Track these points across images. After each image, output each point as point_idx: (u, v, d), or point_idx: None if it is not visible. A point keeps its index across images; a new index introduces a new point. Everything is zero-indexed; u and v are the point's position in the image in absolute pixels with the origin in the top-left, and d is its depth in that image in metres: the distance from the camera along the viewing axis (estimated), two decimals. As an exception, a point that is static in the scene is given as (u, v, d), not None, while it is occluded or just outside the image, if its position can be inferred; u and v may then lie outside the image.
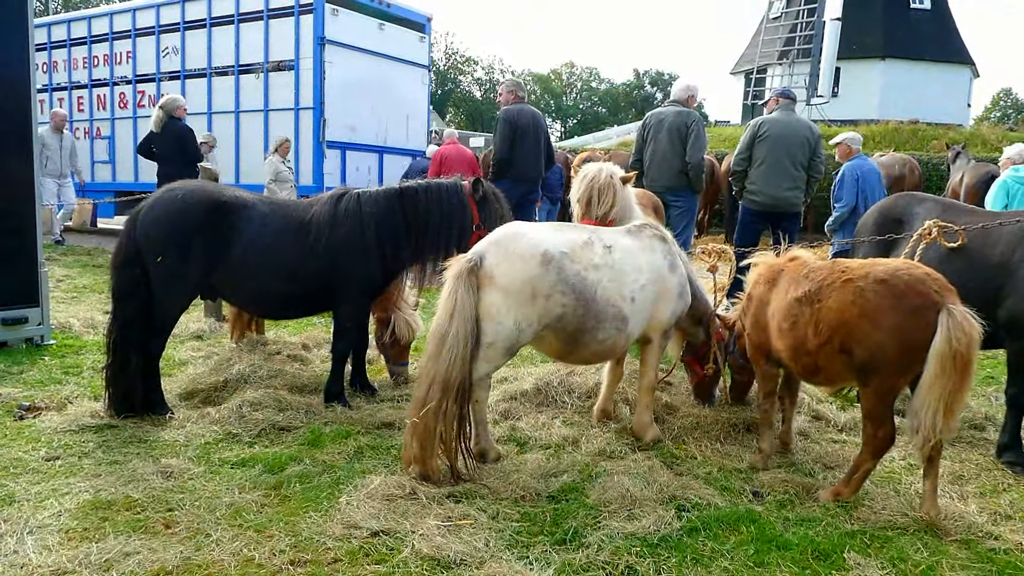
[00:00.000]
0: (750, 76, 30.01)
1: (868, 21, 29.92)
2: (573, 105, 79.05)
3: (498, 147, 8.53)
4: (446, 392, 3.90)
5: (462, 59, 71.80)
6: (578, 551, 3.29)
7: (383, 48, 15.35)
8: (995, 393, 5.79)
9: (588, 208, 4.91)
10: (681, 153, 7.65)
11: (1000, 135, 24.53)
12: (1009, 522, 3.74)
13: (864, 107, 28.04)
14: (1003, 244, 4.50)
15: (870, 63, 29.96)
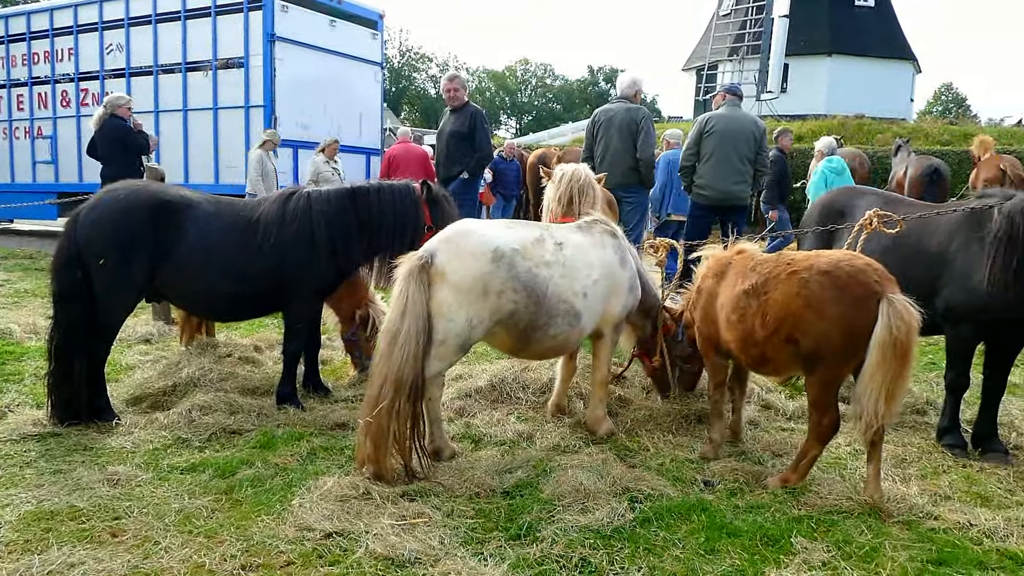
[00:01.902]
0: (701, 72, 30.41)
1: (815, 18, 30.50)
2: (528, 102, 79.18)
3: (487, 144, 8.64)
4: (399, 391, 3.89)
5: (416, 56, 71.44)
6: (532, 545, 3.31)
7: (335, 45, 15.19)
8: (936, 379, 5.96)
9: (570, 207, 4.91)
10: (632, 150, 7.72)
11: (941, 129, 25.23)
12: (948, 503, 3.86)
13: (812, 102, 28.57)
14: (940, 235, 4.63)
15: (817, 59, 30.55)
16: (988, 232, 4.23)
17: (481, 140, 8.41)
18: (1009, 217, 4.11)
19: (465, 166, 8.36)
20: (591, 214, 4.76)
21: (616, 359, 5.70)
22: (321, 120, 14.84)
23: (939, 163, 14.84)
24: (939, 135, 23.48)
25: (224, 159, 14.45)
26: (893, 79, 31.99)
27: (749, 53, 28.19)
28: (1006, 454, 4.51)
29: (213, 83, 14.32)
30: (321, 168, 12.35)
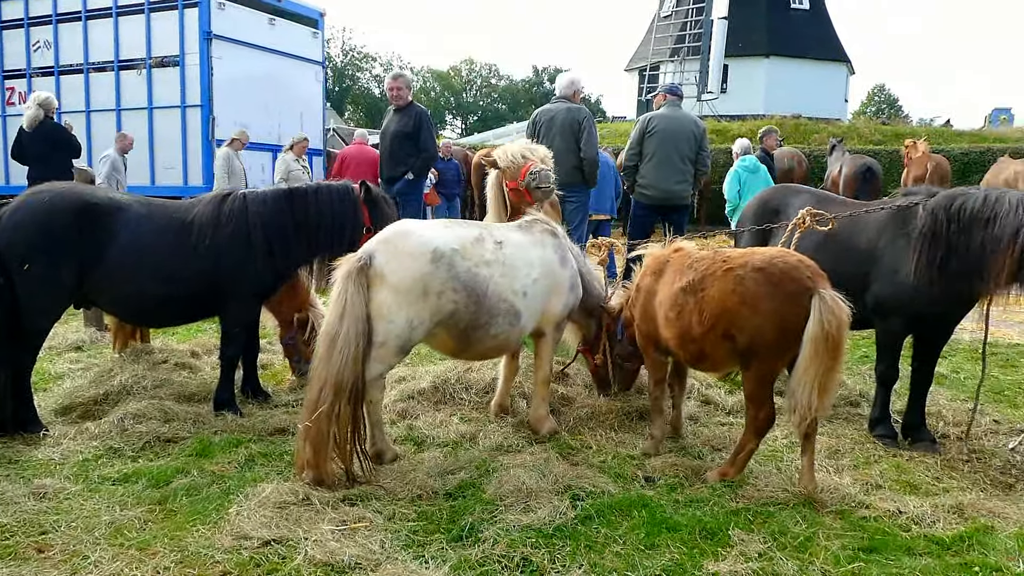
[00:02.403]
0: (644, 73, 30.77)
1: (753, 20, 31.20)
2: (473, 102, 79.09)
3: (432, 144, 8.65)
4: (339, 394, 3.84)
5: (360, 55, 70.67)
6: (474, 546, 3.30)
7: (274, 44, 14.95)
8: (869, 371, 6.13)
9: (523, 159, 4.91)
10: (575, 149, 7.75)
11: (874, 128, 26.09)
12: (879, 491, 3.98)
13: (751, 103, 29.23)
14: (869, 232, 4.77)
15: (755, 61, 31.27)
16: (913, 229, 4.37)
17: (426, 140, 8.34)
18: (932, 214, 4.25)
19: (409, 166, 8.28)
20: (531, 214, 4.77)
21: (561, 357, 5.74)
22: (261, 120, 14.59)
23: (872, 162, 15.32)
24: (872, 135, 24.27)
25: (161, 160, 14.09)
26: (828, 80, 32.94)
27: (690, 54, 28.66)
28: (934, 443, 4.67)
29: (148, 82, 13.96)
30: (292, 166, 12.11)
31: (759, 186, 10.65)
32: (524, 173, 4.86)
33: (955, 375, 6.38)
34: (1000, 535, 3.48)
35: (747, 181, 10.36)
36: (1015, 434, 4.81)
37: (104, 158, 12.15)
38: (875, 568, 3.18)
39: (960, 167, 18.04)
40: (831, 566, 3.20)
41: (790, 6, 32.72)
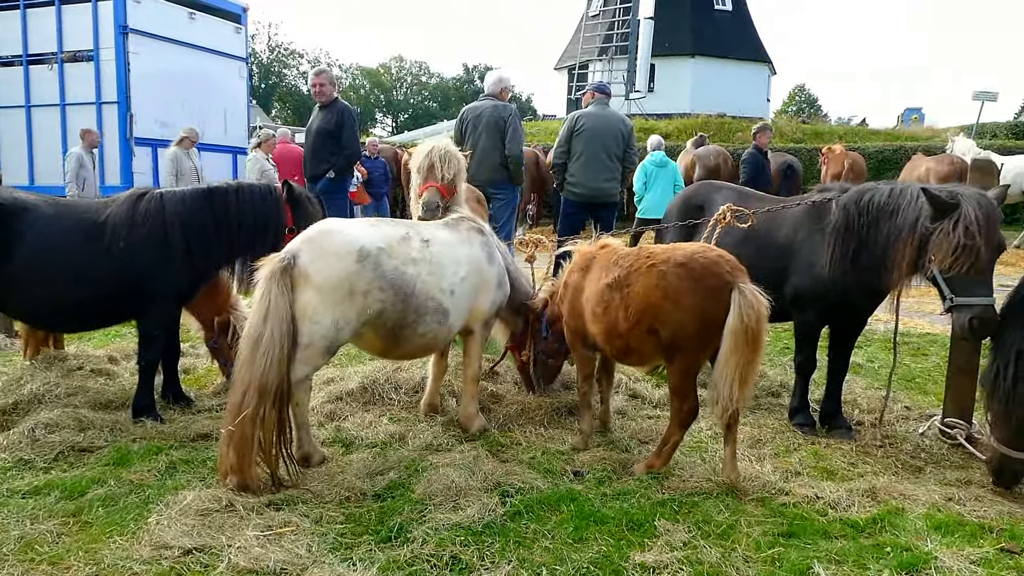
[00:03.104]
0: (573, 71, 31.07)
1: (678, 21, 31.82)
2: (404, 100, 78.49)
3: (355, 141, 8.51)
4: (263, 397, 3.76)
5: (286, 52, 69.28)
6: (403, 547, 3.28)
7: (195, 39, 14.56)
8: (790, 362, 6.31)
9: (431, 172, 4.80)
10: (500, 147, 7.78)
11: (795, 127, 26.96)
12: (798, 478, 4.11)
13: (677, 101, 29.81)
14: (787, 227, 4.93)
15: (681, 60, 31.90)
16: (827, 224, 4.53)
17: (348, 137, 8.23)
18: (844, 209, 4.42)
19: (332, 164, 8.16)
20: (458, 211, 4.76)
21: (491, 355, 5.75)
22: (182, 117, 14.17)
23: (792, 159, 15.82)
24: (793, 133, 25.09)
25: (75, 159, 13.54)
26: (751, 80, 33.85)
27: (617, 53, 29.06)
28: (849, 430, 4.85)
29: (60, 77, 13.40)
30: (182, 161, 11.75)
31: (666, 180, 11.08)
32: (421, 192, 4.82)
33: (870, 364, 6.63)
34: (910, 516, 3.65)
35: (654, 175, 11.04)
36: (925, 419, 5.03)
37: (69, 155, 11.69)
38: (794, 552, 3.29)
39: (875, 164, 18.80)
40: (752, 552, 3.29)
41: (714, 7, 33.50)
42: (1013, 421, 3.82)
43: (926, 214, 4.00)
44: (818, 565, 3.16)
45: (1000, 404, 3.84)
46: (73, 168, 11.45)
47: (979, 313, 3.94)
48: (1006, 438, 3.88)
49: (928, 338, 7.68)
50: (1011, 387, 3.76)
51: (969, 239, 3.82)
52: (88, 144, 11.88)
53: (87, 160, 11.77)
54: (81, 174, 11.49)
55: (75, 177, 11.40)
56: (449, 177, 4.83)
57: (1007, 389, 3.77)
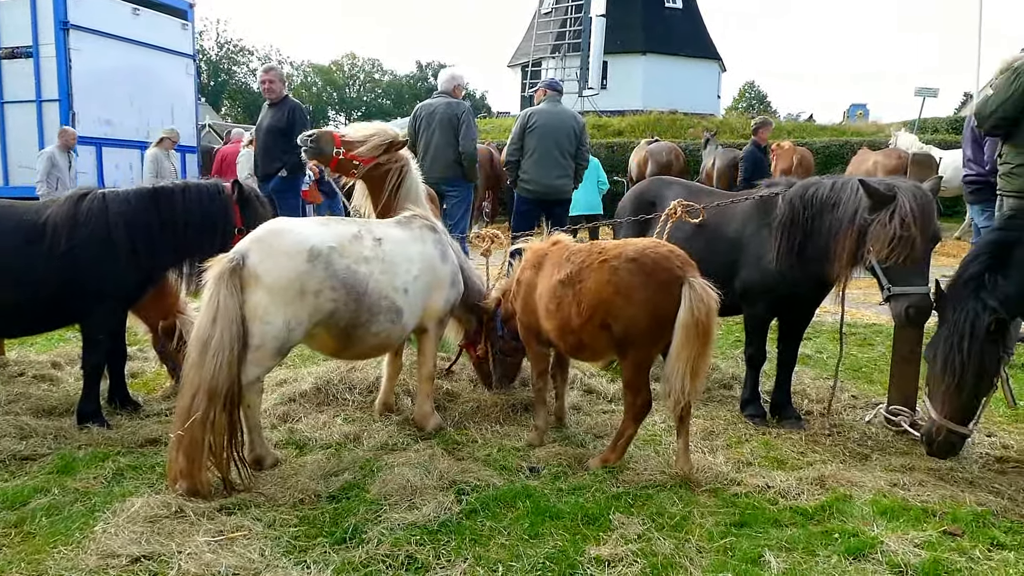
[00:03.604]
0: (526, 69, 31.10)
1: (629, 19, 32.05)
2: (357, 97, 77.79)
3: None
4: (213, 400, 3.69)
5: (236, 49, 68.09)
6: (358, 548, 3.25)
7: (140, 35, 14.22)
8: (741, 355, 6.42)
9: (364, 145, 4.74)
10: (454, 144, 7.77)
11: (745, 123, 27.32)
12: (750, 468, 4.19)
13: (630, 98, 30.04)
14: (736, 222, 5.01)
15: (633, 57, 32.15)
16: (774, 218, 4.62)
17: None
18: (790, 203, 4.51)
19: (284, 163, 8.06)
20: (411, 209, 4.73)
21: (447, 353, 5.74)
22: (127, 115, 13.86)
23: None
24: (743, 129, 25.39)
25: (14, 158, 13.18)
26: (702, 77, 34.29)
27: (570, 51, 29.17)
28: (799, 420, 4.96)
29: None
30: (162, 162, 11.46)
31: (590, 177, 11.17)
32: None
33: (818, 355, 6.78)
34: (857, 503, 3.74)
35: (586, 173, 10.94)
36: (871, 408, 5.16)
37: (40, 155, 11.41)
38: (745, 541, 3.34)
39: (823, 159, 19.17)
40: (705, 542, 3.34)
41: (664, 5, 33.82)
42: (963, 395, 3.87)
43: (864, 206, 4.10)
44: (769, 553, 3.21)
45: (952, 378, 3.85)
46: (44, 168, 11.20)
47: (915, 302, 4.05)
48: (954, 413, 3.91)
49: (874, 328, 7.88)
50: (965, 361, 3.80)
51: (905, 230, 3.93)
52: (63, 143, 11.63)
53: (61, 160, 11.50)
54: (54, 174, 11.22)
55: (46, 177, 11.12)
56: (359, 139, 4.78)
57: (962, 363, 3.80)
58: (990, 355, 3.82)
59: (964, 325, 3.82)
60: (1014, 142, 5.59)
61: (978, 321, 3.78)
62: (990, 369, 3.85)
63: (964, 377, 3.82)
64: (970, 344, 3.79)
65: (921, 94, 19.09)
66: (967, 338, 3.80)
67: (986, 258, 3.93)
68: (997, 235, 4.02)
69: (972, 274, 3.92)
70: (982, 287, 3.84)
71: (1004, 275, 3.87)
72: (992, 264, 3.90)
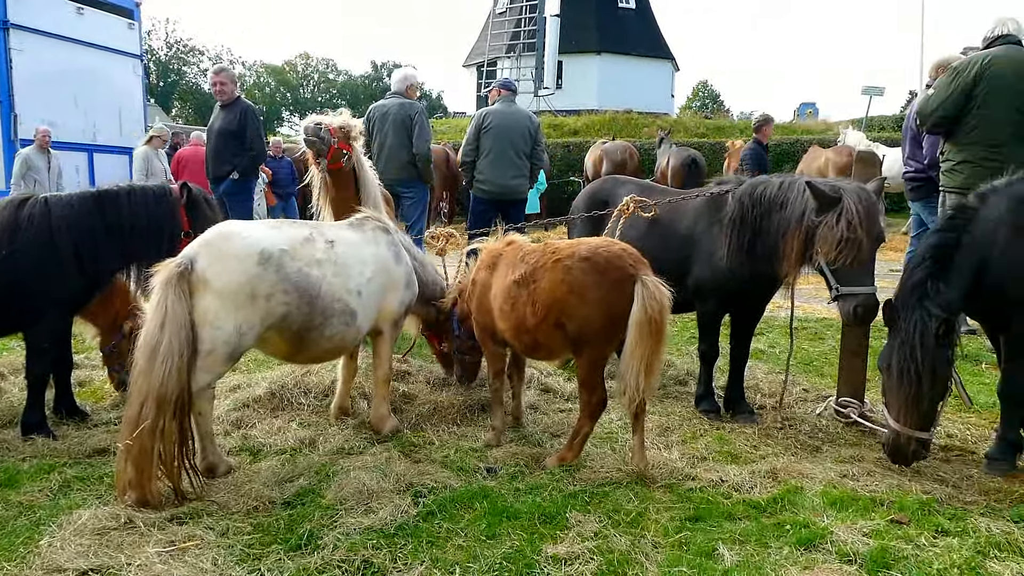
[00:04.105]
0: (482, 68, 31.09)
1: (583, 18, 32.24)
2: (311, 98, 76.87)
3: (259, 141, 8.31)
4: (162, 408, 3.62)
5: (186, 49, 66.80)
6: (313, 554, 3.22)
7: (85, 35, 13.86)
8: (696, 351, 6.51)
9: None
10: (408, 145, 7.73)
11: (699, 122, 27.71)
12: (704, 463, 4.24)
13: (585, 98, 30.22)
14: (688, 219, 5.07)
15: (588, 57, 32.35)
16: (725, 215, 4.69)
17: (252, 138, 8.00)
18: (739, 201, 4.58)
19: (235, 165, 7.92)
20: (363, 211, 4.70)
21: (401, 345, 5.71)
22: (72, 117, 13.50)
23: (696, 154, 16.28)
24: (697, 128, 25.76)
25: (-47, 162, 12.71)
26: (655, 76, 34.64)
27: (525, 50, 29.24)
28: (752, 414, 5.04)
29: (-68, 75, 12.54)
30: (152, 161, 11.15)
31: None
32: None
33: (771, 350, 6.89)
34: (808, 494, 3.81)
35: None
36: (821, 400, 5.27)
37: (17, 155, 11.18)
38: (700, 535, 3.38)
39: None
40: (660, 537, 3.38)
41: (618, 5, 34.08)
42: (923, 404, 3.90)
43: (812, 207, 4.19)
44: (723, 546, 3.26)
45: (909, 387, 3.88)
46: (19, 170, 10.96)
47: (862, 301, 4.15)
48: (915, 421, 3.92)
49: (825, 323, 8.03)
50: (920, 370, 3.84)
51: (852, 232, 4.02)
52: (39, 144, 11.34)
53: (39, 161, 11.24)
54: (30, 175, 10.93)
55: (20, 179, 10.82)
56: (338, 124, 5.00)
57: (917, 373, 3.85)
58: (941, 361, 3.91)
59: (914, 336, 3.87)
60: (955, 140, 5.78)
61: (927, 330, 3.85)
62: (943, 375, 3.94)
63: (921, 386, 3.87)
64: (922, 354, 3.84)
65: (868, 92, 19.52)
66: (918, 348, 3.85)
67: (929, 264, 4.00)
68: (937, 238, 4.10)
69: (916, 282, 4.00)
70: (925, 296, 3.92)
71: (946, 280, 3.94)
72: (934, 270, 3.97)
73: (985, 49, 5.71)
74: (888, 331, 4.10)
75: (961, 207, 4.19)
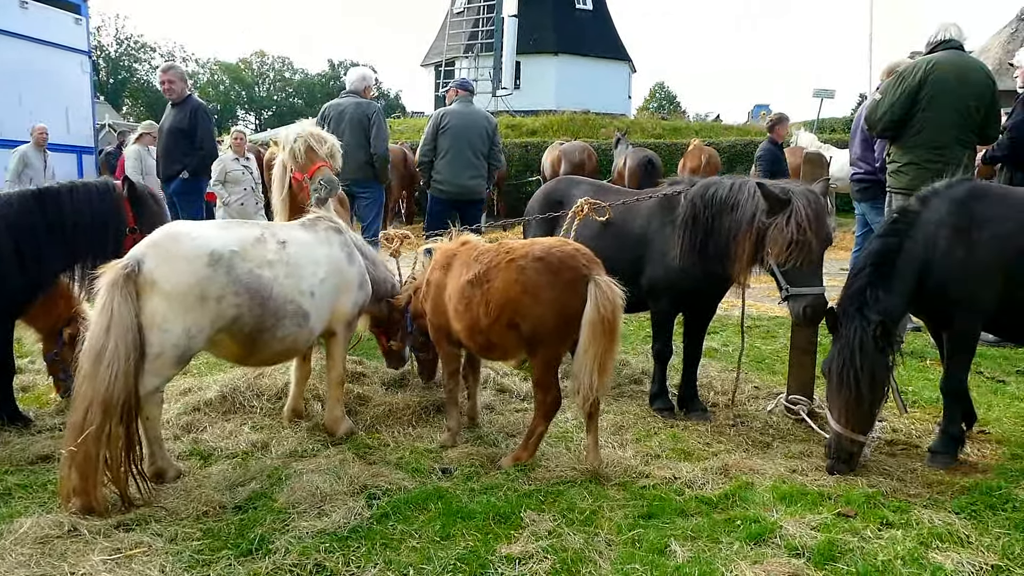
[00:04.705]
0: (439, 68, 30.99)
1: (541, 19, 32.31)
2: (267, 96, 75.90)
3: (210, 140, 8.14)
4: (108, 413, 3.54)
5: (137, 45, 65.41)
6: (264, 559, 3.17)
7: (29, 30, 13.48)
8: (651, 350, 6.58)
9: (313, 153, 4.91)
10: (365, 145, 7.68)
11: (655, 123, 27.99)
12: (658, 460, 4.29)
13: (543, 98, 30.29)
14: (641, 220, 5.12)
15: (545, 58, 32.43)
16: (677, 216, 4.74)
17: (203, 136, 7.88)
18: (691, 202, 4.64)
19: (186, 165, 7.79)
20: (316, 211, 4.65)
21: (357, 357, 5.67)
22: (16, 115, 13.10)
23: (652, 155, 16.43)
24: (653, 129, 26.00)
25: None
26: (612, 77, 34.88)
27: (483, 50, 29.20)
28: (705, 411, 5.11)
29: None
30: (146, 159, 10.83)
31: None
32: (312, 173, 4.80)
33: (725, 348, 6.99)
34: (759, 490, 3.88)
35: None
36: (772, 398, 5.36)
37: (14, 153, 10.97)
38: (652, 532, 3.42)
39: (728, 158, 19.79)
40: (614, 535, 3.40)
41: (575, 7, 34.24)
42: (862, 407, 4.01)
43: (762, 209, 4.26)
44: (675, 543, 3.30)
45: (849, 392, 4.00)
46: (15, 167, 10.73)
47: (811, 302, 4.24)
48: (854, 423, 4.04)
49: (777, 321, 8.18)
50: (859, 375, 3.95)
51: (802, 234, 4.11)
52: (36, 142, 11.13)
53: (36, 159, 11.05)
54: (27, 173, 10.64)
55: (17, 177, 10.51)
56: (328, 153, 4.91)
57: (856, 377, 3.95)
58: (879, 366, 4.03)
59: (853, 341, 4.00)
60: (900, 142, 5.93)
61: (865, 337, 3.97)
62: (881, 379, 4.05)
63: (860, 390, 3.98)
64: (861, 359, 3.96)
65: (819, 95, 19.89)
66: (857, 353, 3.97)
67: (869, 271, 4.10)
68: (879, 244, 4.20)
69: (856, 290, 4.11)
70: (865, 304, 4.03)
71: (886, 287, 4.06)
72: (874, 278, 4.08)
73: (929, 53, 5.87)
74: (833, 338, 4.19)
75: (903, 211, 4.30)
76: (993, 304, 4.12)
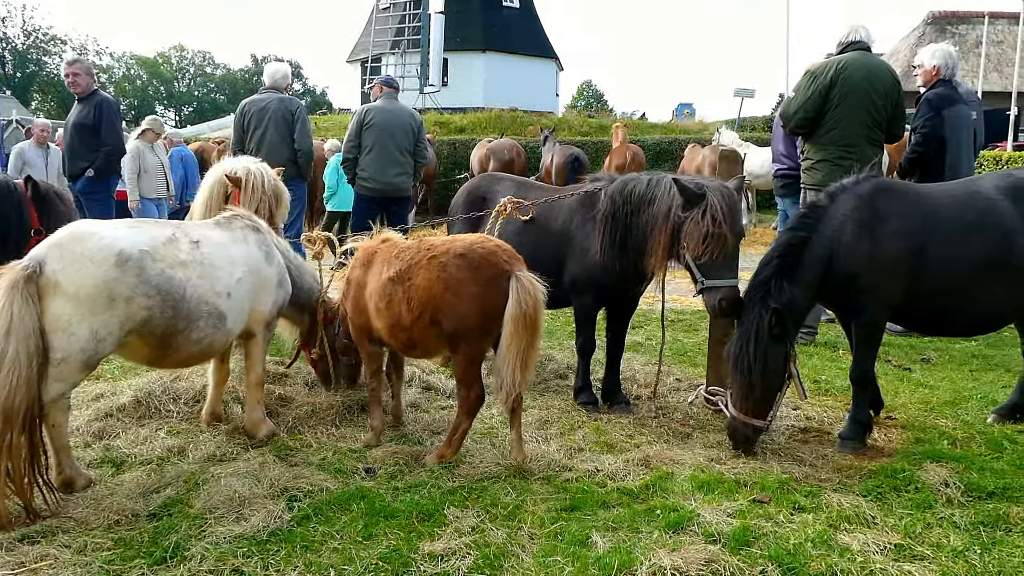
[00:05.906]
0: (366, 64, 30.60)
1: (468, 16, 32.24)
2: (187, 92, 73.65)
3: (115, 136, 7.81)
4: (9, 422, 3.38)
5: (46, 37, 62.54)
6: (179, 566, 3.09)
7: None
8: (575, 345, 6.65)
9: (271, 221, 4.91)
10: (289, 141, 7.55)
11: (583, 120, 28.27)
12: (581, 454, 4.34)
13: (471, 96, 30.25)
14: (563, 216, 5.17)
15: (473, 55, 32.37)
16: (597, 212, 4.81)
17: (108, 133, 7.57)
18: (611, 198, 4.71)
19: (91, 162, 7.48)
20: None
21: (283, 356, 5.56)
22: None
23: (579, 152, 16.58)
24: (581, 126, 26.24)
25: None
26: (540, 75, 35.04)
27: (410, 47, 28.96)
28: (628, 404, 5.19)
29: None
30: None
31: None
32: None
33: (648, 342, 7.12)
34: (678, 479, 3.96)
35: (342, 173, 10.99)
36: (692, 389, 5.49)
37: (13, 150, 10.61)
38: (575, 524, 3.46)
39: (653, 155, 20.15)
40: (537, 528, 3.43)
41: (502, 4, 34.27)
42: (755, 392, 4.22)
43: (678, 204, 4.36)
44: (596, 534, 3.34)
45: (743, 377, 4.21)
46: (13, 165, 10.26)
47: (725, 294, 4.36)
48: (749, 408, 4.25)
49: (699, 314, 8.34)
50: (752, 362, 4.14)
51: (717, 228, 4.22)
52: (36, 140, 10.66)
53: (35, 157, 10.55)
54: (25, 171, 10.00)
55: (17, 174, 9.90)
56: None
57: (749, 364, 4.16)
58: (774, 355, 4.20)
59: (751, 329, 4.18)
60: (813, 140, 6.15)
61: (762, 324, 4.15)
62: (776, 368, 4.23)
63: (753, 376, 4.18)
64: (755, 346, 4.15)
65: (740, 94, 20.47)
66: (752, 340, 4.16)
67: (777, 262, 4.28)
68: (788, 236, 4.37)
69: (761, 280, 4.28)
70: (768, 294, 4.20)
71: (792, 278, 4.23)
72: (781, 268, 4.25)
73: (839, 54, 6.10)
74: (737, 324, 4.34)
75: (812, 206, 4.46)
76: (898, 296, 4.32)
